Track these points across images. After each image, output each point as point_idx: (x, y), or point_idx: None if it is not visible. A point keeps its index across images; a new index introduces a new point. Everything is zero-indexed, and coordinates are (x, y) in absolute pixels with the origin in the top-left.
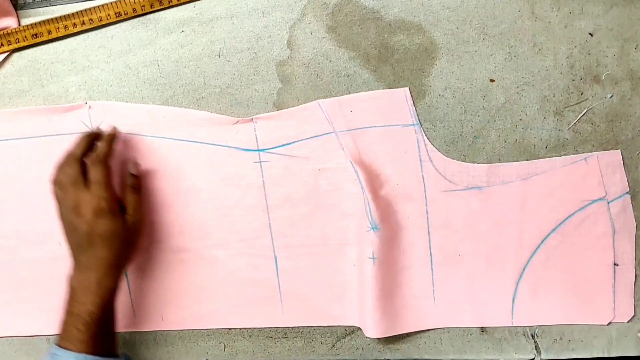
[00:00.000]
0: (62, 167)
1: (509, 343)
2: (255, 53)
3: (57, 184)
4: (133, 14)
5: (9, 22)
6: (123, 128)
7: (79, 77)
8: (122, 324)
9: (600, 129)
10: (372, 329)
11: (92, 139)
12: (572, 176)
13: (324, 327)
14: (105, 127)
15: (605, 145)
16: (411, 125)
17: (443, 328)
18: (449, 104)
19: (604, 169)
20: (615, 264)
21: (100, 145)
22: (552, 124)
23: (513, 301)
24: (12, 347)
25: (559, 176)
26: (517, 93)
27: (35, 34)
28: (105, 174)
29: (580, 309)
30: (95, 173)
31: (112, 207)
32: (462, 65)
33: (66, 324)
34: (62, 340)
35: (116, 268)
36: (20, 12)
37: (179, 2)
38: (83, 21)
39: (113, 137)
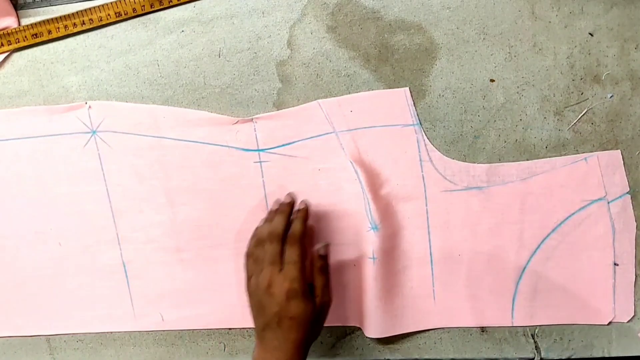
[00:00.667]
0: (262, 243)
1: (509, 343)
2: (255, 53)
3: (255, 258)
4: (133, 14)
5: (9, 22)
6: (123, 128)
7: (79, 77)
8: (122, 324)
9: (600, 129)
10: (372, 329)
11: (290, 213)
12: (572, 176)
13: (324, 327)
14: (298, 203)
15: (605, 145)
16: (411, 125)
17: (443, 328)
18: (449, 104)
19: (604, 169)
20: (615, 264)
21: (296, 224)
22: (552, 124)
23: (513, 301)
24: (12, 347)
25: (559, 176)
26: (517, 93)
27: (35, 34)
28: (301, 255)
29: (580, 309)
30: (291, 253)
31: (304, 289)
32: (462, 65)
33: None
34: None
35: (304, 349)
36: (20, 12)
37: (179, 2)
38: (83, 21)
39: (306, 214)
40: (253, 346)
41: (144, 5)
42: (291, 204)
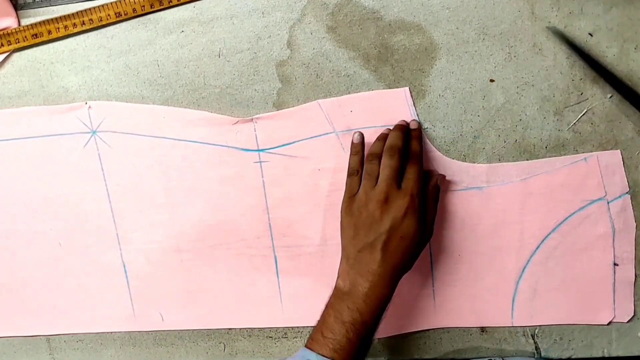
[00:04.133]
0: (376, 157)
1: (509, 343)
2: (255, 53)
3: (366, 172)
4: (133, 14)
5: (9, 22)
6: (123, 128)
7: (79, 77)
8: (122, 324)
9: (600, 129)
10: None
11: (405, 131)
12: (572, 176)
13: None
14: (412, 122)
15: (605, 145)
16: None
17: (443, 328)
18: (449, 104)
19: (603, 169)
20: (615, 264)
21: (416, 143)
22: (552, 124)
23: (513, 301)
24: (12, 347)
25: (559, 176)
26: (517, 93)
27: (35, 34)
28: (420, 175)
29: (580, 309)
30: (414, 171)
31: (421, 210)
32: (462, 65)
33: (332, 330)
34: (325, 348)
35: (397, 277)
36: (20, 12)
37: (179, 2)
38: (83, 21)
39: (421, 133)
40: (253, 346)
41: (144, 6)
42: (405, 127)
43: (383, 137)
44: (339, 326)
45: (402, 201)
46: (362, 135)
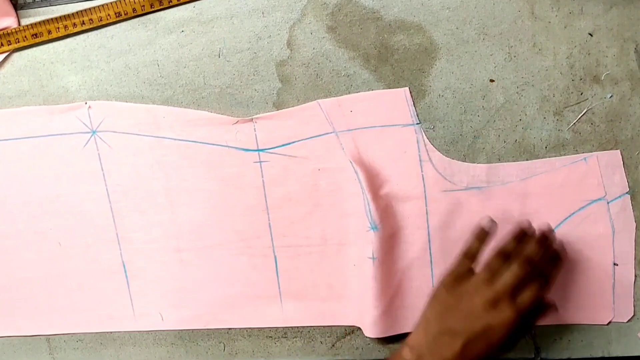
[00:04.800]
0: (506, 255)
1: None
2: (255, 53)
3: (492, 268)
4: (133, 14)
5: (9, 22)
6: (123, 128)
7: (79, 77)
8: (122, 324)
9: (600, 129)
10: (372, 329)
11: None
12: (572, 176)
13: (324, 327)
14: (556, 242)
15: (605, 145)
16: (411, 125)
17: None
18: (449, 104)
19: (603, 169)
20: (615, 264)
21: (550, 266)
22: (552, 124)
23: None
24: (12, 347)
25: (559, 176)
26: (517, 93)
27: (35, 34)
28: (540, 296)
29: (580, 309)
30: (534, 291)
31: (518, 328)
32: (462, 65)
33: None
34: None
35: None
36: (20, 12)
37: (179, 2)
38: (83, 21)
39: (562, 252)
40: (253, 346)
41: (144, 5)
42: (549, 238)
43: (520, 239)
44: None
45: (507, 315)
46: (493, 225)
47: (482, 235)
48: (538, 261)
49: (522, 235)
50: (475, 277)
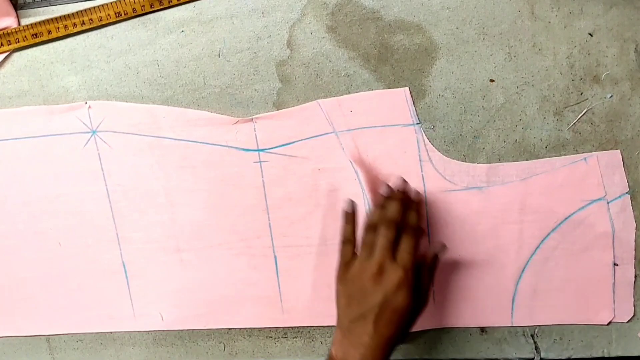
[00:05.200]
0: (373, 228)
1: (509, 343)
2: (255, 53)
3: (363, 243)
4: (133, 14)
5: (9, 22)
6: (123, 128)
7: (79, 77)
8: (122, 324)
9: (600, 129)
10: None
11: (404, 201)
12: (572, 176)
13: (324, 327)
14: (412, 192)
15: (605, 145)
16: (411, 125)
17: (443, 328)
18: (449, 104)
19: (603, 169)
20: (615, 264)
21: (413, 215)
22: (552, 124)
23: (513, 301)
24: (12, 347)
25: (559, 176)
26: (517, 93)
27: (35, 34)
28: (415, 247)
29: (580, 309)
30: (408, 243)
31: (415, 283)
32: (462, 65)
33: None
34: None
35: (390, 349)
36: (20, 12)
37: (179, 2)
38: (83, 21)
39: (422, 205)
40: (253, 346)
41: (144, 5)
42: (405, 192)
43: (382, 205)
44: None
45: (395, 275)
46: (354, 205)
47: (349, 217)
48: (403, 216)
49: (384, 201)
50: (358, 258)
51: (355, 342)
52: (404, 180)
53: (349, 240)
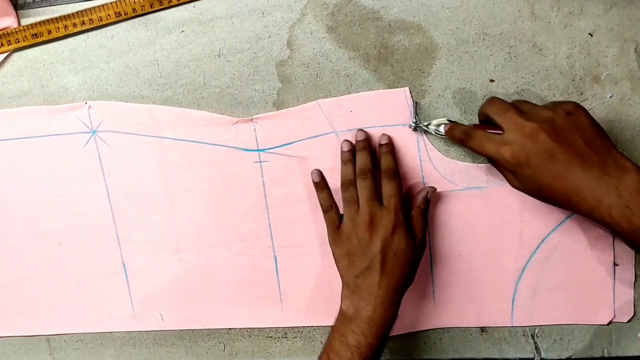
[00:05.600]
0: (350, 183)
1: (509, 343)
2: (255, 53)
3: (345, 201)
4: (133, 14)
5: (9, 22)
6: (123, 128)
7: (79, 77)
8: (122, 324)
9: None
10: None
11: (370, 148)
12: None
13: (324, 327)
14: (375, 136)
15: None
16: (411, 125)
17: (443, 328)
18: (449, 104)
19: None
20: (615, 264)
21: (388, 158)
22: None
23: (513, 301)
24: (12, 347)
25: None
26: (517, 93)
27: (35, 34)
28: (398, 189)
29: (580, 309)
30: (391, 187)
31: (407, 223)
32: (462, 65)
33: (338, 353)
34: None
35: (399, 295)
36: (20, 12)
37: (179, 2)
38: (83, 21)
39: (393, 147)
40: (253, 346)
41: (144, 5)
42: (367, 139)
43: (348, 160)
44: (345, 349)
45: (387, 219)
46: (320, 173)
47: (321, 185)
48: (374, 163)
49: (349, 157)
50: (345, 216)
51: (365, 295)
52: (363, 131)
53: (329, 205)
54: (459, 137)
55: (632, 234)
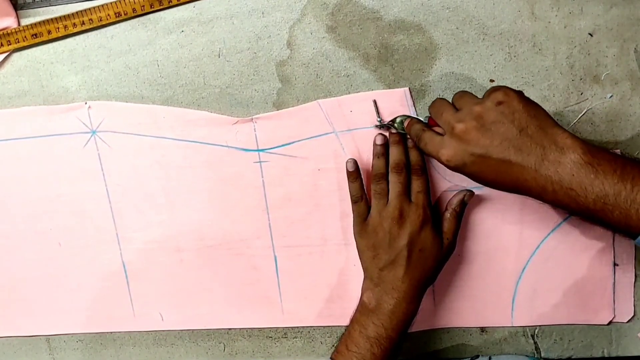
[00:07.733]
0: (382, 176)
1: (509, 343)
2: (255, 53)
3: (375, 193)
4: (133, 14)
5: (9, 22)
6: (123, 128)
7: (79, 77)
8: (122, 324)
9: (600, 129)
10: None
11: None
12: None
13: (324, 327)
14: (396, 136)
15: (604, 146)
16: None
17: (443, 328)
18: None
19: None
20: (615, 264)
21: (416, 154)
22: None
23: (513, 301)
24: (12, 347)
25: None
26: None
27: (35, 34)
28: (427, 185)
29: (580, 309)
30: (420, 183)
31: (435, 220)
32: (462, 65)
33: (357, 344)
34: None
35: (422, 291)
36: (20, 12)
37: (179, 2)
38: (83, 21)
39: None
40: (253, 346)
41: (143, 6)
42: (399, 134)
43: (381, 154)
44: (364, 341)
45: (415, 215)
46: (355, 163)
47: (354, 175)
48: (408, 159)
49: (381, 152)
50: (373, 208)
51: (388, 288)
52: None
53: (359, 197)
54: (413, 139)
55: (583, 212)
